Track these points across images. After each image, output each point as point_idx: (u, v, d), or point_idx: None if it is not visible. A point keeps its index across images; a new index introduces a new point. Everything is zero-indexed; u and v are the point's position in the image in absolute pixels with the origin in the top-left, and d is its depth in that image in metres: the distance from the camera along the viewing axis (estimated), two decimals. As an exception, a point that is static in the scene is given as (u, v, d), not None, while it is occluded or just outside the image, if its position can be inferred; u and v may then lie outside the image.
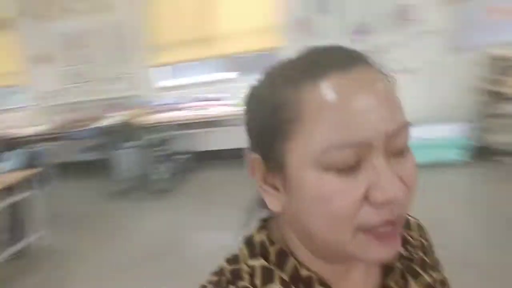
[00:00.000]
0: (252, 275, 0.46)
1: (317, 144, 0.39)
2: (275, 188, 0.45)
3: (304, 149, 0.41)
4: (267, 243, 0.48)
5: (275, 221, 0.50)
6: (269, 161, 0.44)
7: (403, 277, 0.51)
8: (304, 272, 0.46)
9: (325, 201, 0.40)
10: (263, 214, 0.52)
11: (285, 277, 0.46)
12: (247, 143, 0.48)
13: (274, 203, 0.46)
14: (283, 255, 0.47)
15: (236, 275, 0.47)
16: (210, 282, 0.48)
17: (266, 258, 0.47)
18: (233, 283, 0.46)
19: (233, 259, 0.49)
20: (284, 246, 0.48)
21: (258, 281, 0.46)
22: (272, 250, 0.48)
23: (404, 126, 0.41)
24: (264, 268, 0.47)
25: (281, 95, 0.42)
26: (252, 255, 0.48)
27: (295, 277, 0.46)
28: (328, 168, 0.39)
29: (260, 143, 0.45)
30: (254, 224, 0.52)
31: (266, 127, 0.43)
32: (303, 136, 0.40)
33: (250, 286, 0.46)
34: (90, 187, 4.62)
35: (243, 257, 0.49)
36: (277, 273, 0.46)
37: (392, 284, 0.50)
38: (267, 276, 0.46)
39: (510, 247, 2.29)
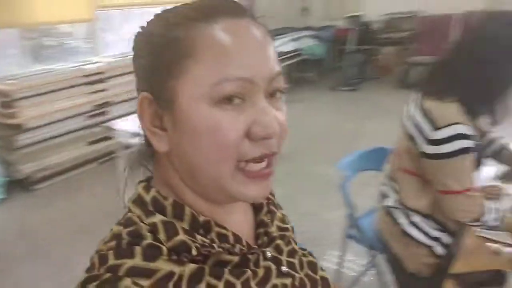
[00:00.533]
0: (153, 232, 0.46)
1: (208, 78, 0.44)
2: (163, 129, 0.47)
3: (195, 83, 0.44)
4: (161, 198, 0.49)
5: (159, 178, 0.52)
6: (160, 98, 0.46)
7: (269, 212, 0.59)
8: (201, 218, 0.49)
9: (212, 133, 0.44)
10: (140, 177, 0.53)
11: (186, 227, 0.48)
12: (136, 83, 0.49)
13: (161, 143, 0.48)
14: (179, 206, 0.49)
15: (136, 236, 0.46)
16: (109, 249, 0.45)
17: (163, 213, 0.48)
18: (136, 244, 0.45)
19: (127, 222, 0.48)
20: (177, 198, 0.49)
21: (162, 236, 0.46)
22: (167, 204, 0.48)
23: (280, 75, 0.48)
24: (165, 223, 0.47)
25: (174, 32, 0.45)
26: (148, 213, 0.48)
27: (195, 224, 0.48)
28: (216, 102, 0.44)
29: (151, 80, 0.47)
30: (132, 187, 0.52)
31: (158, 63, 0.46)
32: (194, 71, 0.44)
33: (156, 243, 0.45)
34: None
35: (137, 217, 0.48)
36: (178, 224, 0.47)
37: (264, 218, 0.58)
38: (171, 229, 0.46)
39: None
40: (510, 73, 1.16)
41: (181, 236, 0.46)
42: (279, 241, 0.59)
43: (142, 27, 0.50)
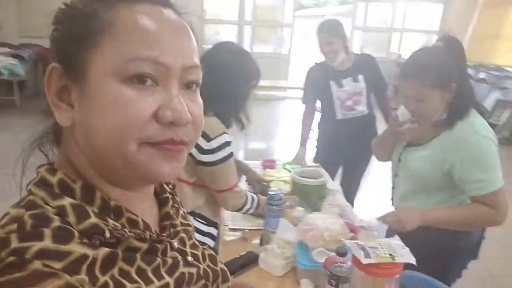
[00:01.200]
0: (61, 215, 0.43)
1: (122, 54, 0.43)
2: (69, 105, 0.46)
3: (108, 57, 0.44)
4: (69, 181, 0.47)
5: (65, 162, 0.49)
6: (70, 69, 0.45)
7: (173, 206, 0.61)
8: (113, 203, 0.48)
9: (118, 108, 0.43)
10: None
11: (96, 210, 0.46)
12: (51, 54, 0.47)
13: (64, 117, 0.46)
14: (89, 190, 0.47)
15: (41, 218, 0.42)
16: (10, 232, 0.40)
17: (71, 197, 0.46)
18: (43, 226, 0.41)
19: (29, 205, 0.44)
20: (86, 181, 0.47)
21: (72, 219, 0.44)
22: (76, 187, 0.47)
23: (197, 67, 0.49)
24: (75, 206, 0.45)
25: (93, 6, 0.45)
26: (54, 196, 0.45)
27: (105, 208, 0.47)
28: (126, 79, 0.44)
29: (63, 50, 0.46)
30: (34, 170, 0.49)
31: (73, 34, 0.45)
32: (109, 46, 0.44)
33: (65, 225, 0.43)
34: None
35: (41, 200, 0.44)
36: (88, 208, 0.45)
37: (170, 211, 0.58)
38: (81, 212, 0.45)
39: None
40: (239, 90, 1.47)
41: (93, 219, 0.44)
42: (182, 234, 0.60)
43: (64, 3, 0.48)
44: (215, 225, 1.60)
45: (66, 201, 0.44)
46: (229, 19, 8.47)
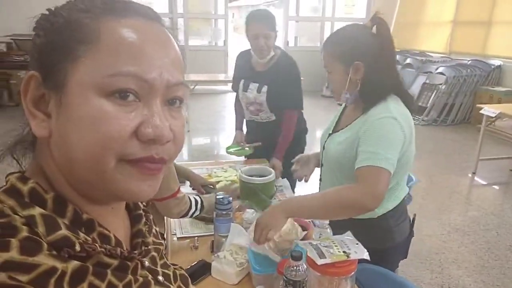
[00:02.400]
0: (30, 225, 0.42)
1: (104, 68, 0.42)
2: (46, 114, 0.45)
3: (90, 70, 0.42)
4: (41, 191, 0.45)
5: (37, 171, 0.48)
6: (49, 79, 0.44)
7: (146, 223, 0.59)
8: (85, 216, 0.47)
9: (99, 125, 0.42)
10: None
11: (67, 223, 0.45)
12: (30, 60, 0.46)
13: (40, 128, 0.45)
14: (61, 201, 0.46)
15: (8, 228, 0.40)
16: None
17: (42, 207, 0.44)
18: (10, 236, 0.39)
19: None
20: (58, 193, 0.46)
21: (41, 230, 0.42)
22: (48, 198, 0.45)
23: (182, 84, 0.48)
24: (45, 216, 0.43)
25: (78, 16, 0.44)
26: (24, 205, 0.43)
27: (77, 221, 0.46)
28: (107, 94, 0.42)
29: (44, 59, 0.44)
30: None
31: (55, 43, 0.44)
32: (92, 59, 0.43)
33: (34, 236, 0.41)
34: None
35: (10, 209, 0.42)
36: (59, 219, 0.44)
37: (143, 229, 0.57)
38: (52, 223, 0.43)
39: None
40: None
41: (64, 231, 0.43)
42: (154, 253, 0.59)
43: (48, 9, 0.47)
44: (161, 236, 1.51)
45: (36, 211, 0.43)
46: (160, 11, 8.15)
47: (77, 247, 0.43)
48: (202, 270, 1.28)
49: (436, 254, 2.86)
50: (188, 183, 1.84)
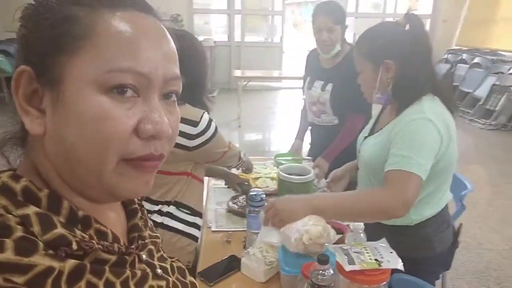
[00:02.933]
0: (24, 224, 0.41)
1: (102, 64, 0.41)
2: (40, 110, 0.44)
3: (87, 66, 0.41)
4: (34, 189, 0.44)
5: (30, 168, 0.47)
6: (44, 74, 0.43)
7: (142, 218, 0.59)
8: (80, 213, 0.46)
9: (98, 121, 0.41)
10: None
11: (63, 220, 0.44)
12: (17, 56, 0.45)
13: (35, 125, 0.44)
14: (56, 199, 0.44)
15: (2, 228, 0.39)
16: None
17: (36, 205, 0.43)
18: (4, 236, 0.38)
19: None
20: (53, 190, 0.45)
21: (37, 229, 0.41)
22: (42, 196, 0.44)
23: (178, 78, 0.48)
24: (40, 215, 0.42)
25: (73, 10, 0.42)
26: (18, 204, 0.42)
27: (73, 218, 0.45)
28: (106, 90, 0.41)
29: (37, 53, 0.43)
30: None
31: (49, 37, 0.42)
32: (90, 54, 0.41)
33: (29, 235, 0.40)
34: None
35: (3, 208, 0.41)
36: (55, 217, 0.43)
37: (138, 223, 0.57)
38: (47, 222, 0.42)
39: None
40: (199, 78, 1.46)
41: (60, 229, 0.42)
42: (151, 247, 0.59)
43: (38, 1, 0.44)
44: (200, 215, 1.57)
45: (31, 210, 0.42)
46: (218, 8, 8.32)
47: (74, 246, 0.42)
48: (231, 265, 1.27)
49: (495, 270, 2.63)
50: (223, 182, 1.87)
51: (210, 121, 1.46)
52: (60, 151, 0.44)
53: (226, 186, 1.82)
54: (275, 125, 6.05)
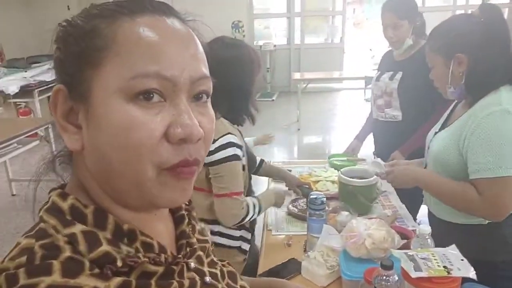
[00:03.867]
0: (72, 244, 0.41)
1: (126, 72, 0.41)
2: (77, 127, 0.45)
3: (112, 76, 0.42)
4: (80, 206, 0.45)
5: (76, 184, 0.48)
6: (74, 90, 0.44)
7: (189, 223, 0.58)
8: (126, 226, 0.45)
9: (126, 130, 0.41)
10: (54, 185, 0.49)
11: (109, 236, 0.44)
12: (55, 74, 0.46)
13: (73, 141, 0.45)
14: (101, 214, 0.45)
15: (52, 248, 0.40)
16: (18, 266, 0.39)
17: (83, 223, 0.43)
18: (53, 258, 0.39)
19: (39, 234, 0.42)
20: (98, 205, 0.46)
21: (83, 248, 0.41)
22: (88, 212, 0.44)
23: (206, 78, 0.47)
24: (86, 233, 0.42)
25: (94, 23, 0.43)
26: (65, 223, 0.43)
27: (119, 233, 0.45)
28: (132, 98, 0.42)
29: (66, 71, 0.44)
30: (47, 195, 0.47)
31: (75, 53, 0.43)
32: (112, 64, 0.42)
33: (76, 255, 0.41)
34: None
35: (53, 228, 0.42)
36: (101, 234, 0.43)
37: (186, 229, 0.56)
38: (93, 239, 0.42)
39: None
40: (243, 84, 1.41)
41: (105, 247, 0.42)
42: (200, 252, 0.57)
43: (65, 20, 0.46)
44: (246, 228, 1.53)
45: (77, 228, 0.43)
46: (278, 11, 8.36)
47: (119, 263, 0.42)
48: (292, 268, 1.28)
49: None
50: (283, 183, 1.84)
51: (229, 144, 1.35)
52: (99, 164, 0.44)
53: (286, 187, 1.82)
54: (335, 127, 5.93)
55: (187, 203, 0.62)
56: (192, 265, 0.53)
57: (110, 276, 0.41)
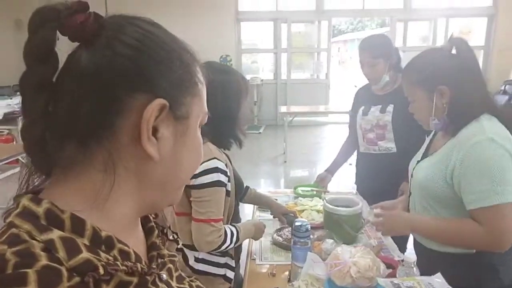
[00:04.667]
0: (49, 251, 0.39)
1: (203, 107, 0.54)
2: (155, 138, 0.48)
3: (198, 107, 0.52)
4: (57, 211, 0.43)
5: (55, 191, 0.46)
6: (178, 109, 0.49)
7: (158, 235, 0.60)
8: (103, 233, 0.45)
9: (200, 150, 0.54)
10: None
11: (87, 243, 0.43)
12: (151, 85, 0.47)
13: (156, 151, 0.48)
14: (78, 220, 0.44)
15: (26, 256, 0.38)
16: None
17: (60, 228, 0.42)
18: (28, 266, 0.37)
19: (11, 240, 0.40)
20: (74, 212, 0.44)
21: (62, 254, 0.40)
22: (66, 218, 0.43)
23: None
24: (64, 239, 0.41)
25: (193, 58, 0.52)
26: (41, 228, 0.41)
27: (96, 239, 0.44)
28: (199, 126, 0.54)
29: (174, 91, 0.49)
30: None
31: (184, 80, 0.50)
32: (200, 98, 0.52)
33: (54, 264, 0.39)
34: None
35: (27, 234, 0.40)
36: (79, 240, 0.42)
37: (156, 241, 0.58)
38: (72, 246, 0.41)
39: None
40: (230, 109, 1.41)
41: (85, 254, 0.41)
42: (170, 265, 0.59)
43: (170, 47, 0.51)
44: (230, 255, 1.49)
45: (55, 234, 0.41)
46: (265, 47, 8.60)
47: (101, 270, 0.41)
48: (276, 298, 1.24)
49: None
50: (268, 211, 1.83)
51: (214, 169, 1.33)
52: (169, 174, 0.51)
53: (271, 215, 1.79)
54: (322, 160, 5.96)
55: (154, 215, 0.63)
56: (164, 276, 0.53)
57: (91, 286, 0.40)
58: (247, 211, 1.99)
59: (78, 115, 0.44)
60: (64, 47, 0.47)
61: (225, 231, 1.37)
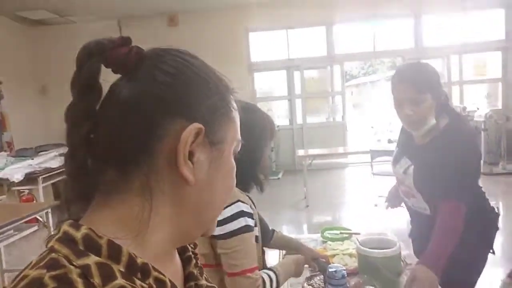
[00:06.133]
0: (86, 276, 0.41)
1: (237, 134, 0.55)
2: (191, 162, 0.49)
3: (232, 134, 0.54)
4: (95, 237, 0.44)
5: (97, 217, 0.47)
6: (213, 134, 0.50)
7: (196, 265, 0.60)
8: (139, 260, 0.45)
9: (234, 175, 0.55)
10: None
11: (122, 269, 0.44)
12: (188, 110, 0.49)
13: (191, 175, 0.48)
14: (115, 246, 0.44)
15: (64, 281, 0.39)
16: None
17: (97, 254, 0.43)
18: None
19: (50, 264, 0.41)
20: (111, 238, 0.45)
21: (97, 280, 0.41)
22: (103, 243, 0.44)
23: None
24: (100, 265, 0.42)
25: (225, 88, 0.54)
26: (78, 253, 0.42)
27: (132, 266, 0.45)
28: (232, 154, 0.55)
29: (210, 117, 0.50)
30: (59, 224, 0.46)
31: (220, 107, 0.51)
32: (234, 125, 0.54)
33: None
34: None
35: (65, 258, 0.41)
36: (115, 266, 0.43)
37: (194, 271, 0.58)
38: (107, 272, 0.42)
39: None
40: (253, 150, 1.31)
41: (120, 281, 0.42)
42: None
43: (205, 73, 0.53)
44: None
45: (91, 259, 0.42)
46: (280, 94, 8.70)
47: None
48: None
49: None
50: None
51: (240, 213, 1.21)
52: (204, 199, 0.51)
53: None
54: (345, 203, 5.75)
55: (193, 245, 0.63)
56: None
57: None
58: (271, 258, 1.84)
59: (119, 140, 0.46)
60: (107, 77, 0.50)
61: (263, 279, 1.23)
